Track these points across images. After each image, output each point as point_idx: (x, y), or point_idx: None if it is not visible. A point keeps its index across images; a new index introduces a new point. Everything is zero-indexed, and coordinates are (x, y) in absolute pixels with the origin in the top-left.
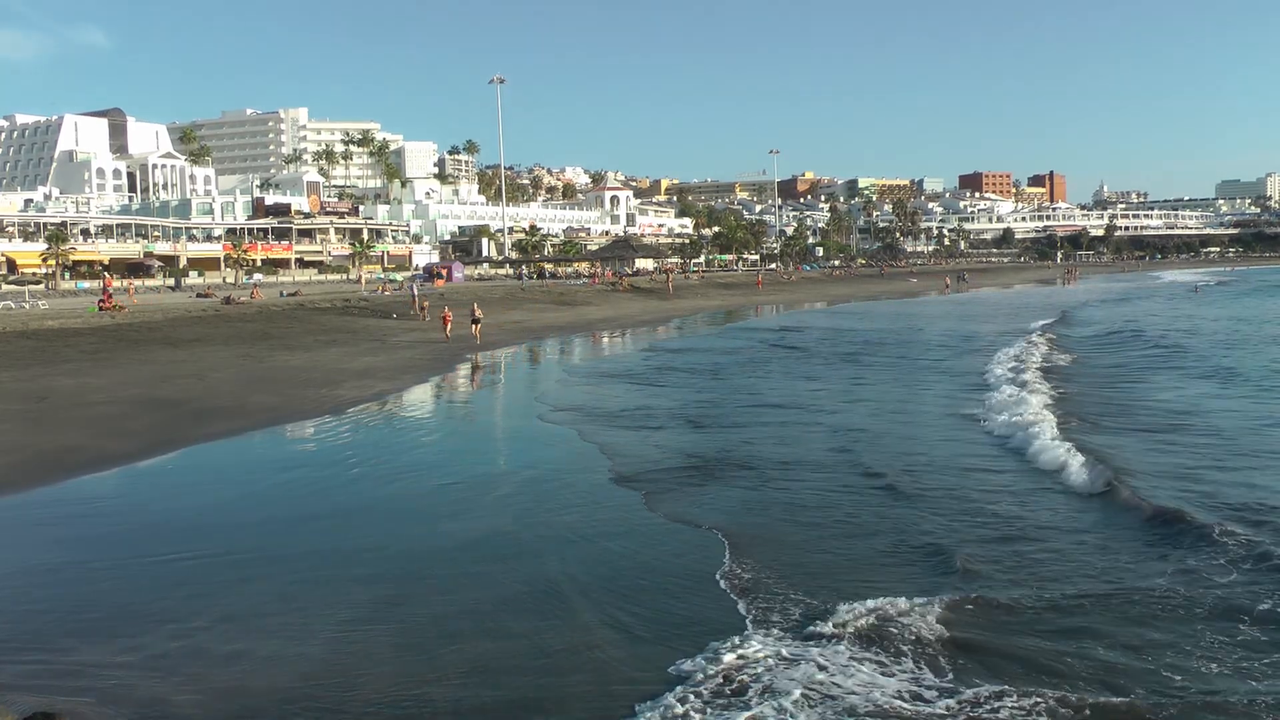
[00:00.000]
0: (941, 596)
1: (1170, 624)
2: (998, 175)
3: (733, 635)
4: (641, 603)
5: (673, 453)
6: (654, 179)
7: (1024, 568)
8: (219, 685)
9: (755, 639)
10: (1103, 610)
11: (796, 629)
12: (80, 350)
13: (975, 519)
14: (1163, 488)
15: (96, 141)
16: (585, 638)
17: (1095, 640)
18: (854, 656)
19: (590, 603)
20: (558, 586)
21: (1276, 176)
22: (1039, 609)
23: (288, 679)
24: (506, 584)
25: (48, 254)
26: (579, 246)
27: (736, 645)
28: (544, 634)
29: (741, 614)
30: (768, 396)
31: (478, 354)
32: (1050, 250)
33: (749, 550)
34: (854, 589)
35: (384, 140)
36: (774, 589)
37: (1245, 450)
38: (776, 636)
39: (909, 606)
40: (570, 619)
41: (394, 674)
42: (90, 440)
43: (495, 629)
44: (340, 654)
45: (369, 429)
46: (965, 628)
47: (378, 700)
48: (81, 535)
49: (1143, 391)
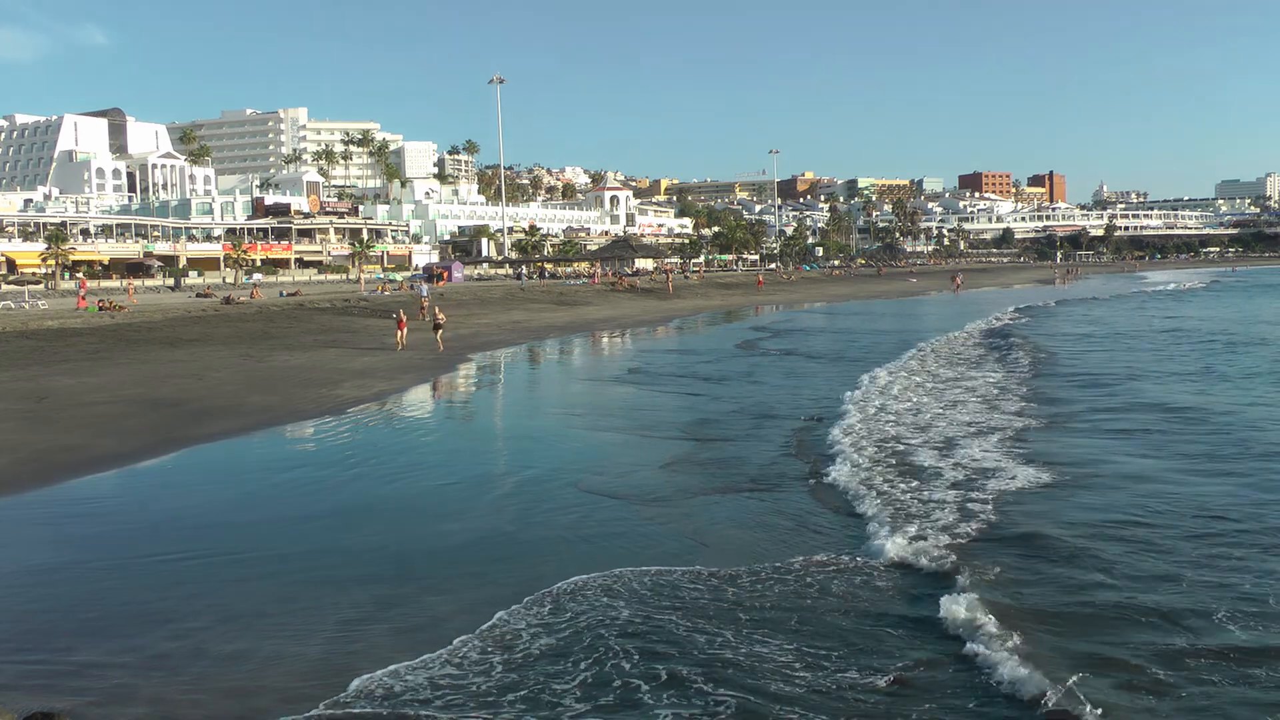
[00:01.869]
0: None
1: None
2: (997, 175)
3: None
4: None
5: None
6: (654, 179)
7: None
8: (219, 685)
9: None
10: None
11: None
12: (80, 350)
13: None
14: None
15: (96, 141)
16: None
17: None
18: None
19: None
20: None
21: (1276, 176)
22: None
23: (288, 679)
24: (505, 584)
25: (47, 254)
26: (579, 246)
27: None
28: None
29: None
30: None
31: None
32: (1050, 250)
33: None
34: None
35: (384, 140)
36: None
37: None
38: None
39: None
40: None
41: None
42: (90, 440)
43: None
44: (340, 654)
45: (369, 429)
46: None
47: (377, 700)
48: (81, 535)
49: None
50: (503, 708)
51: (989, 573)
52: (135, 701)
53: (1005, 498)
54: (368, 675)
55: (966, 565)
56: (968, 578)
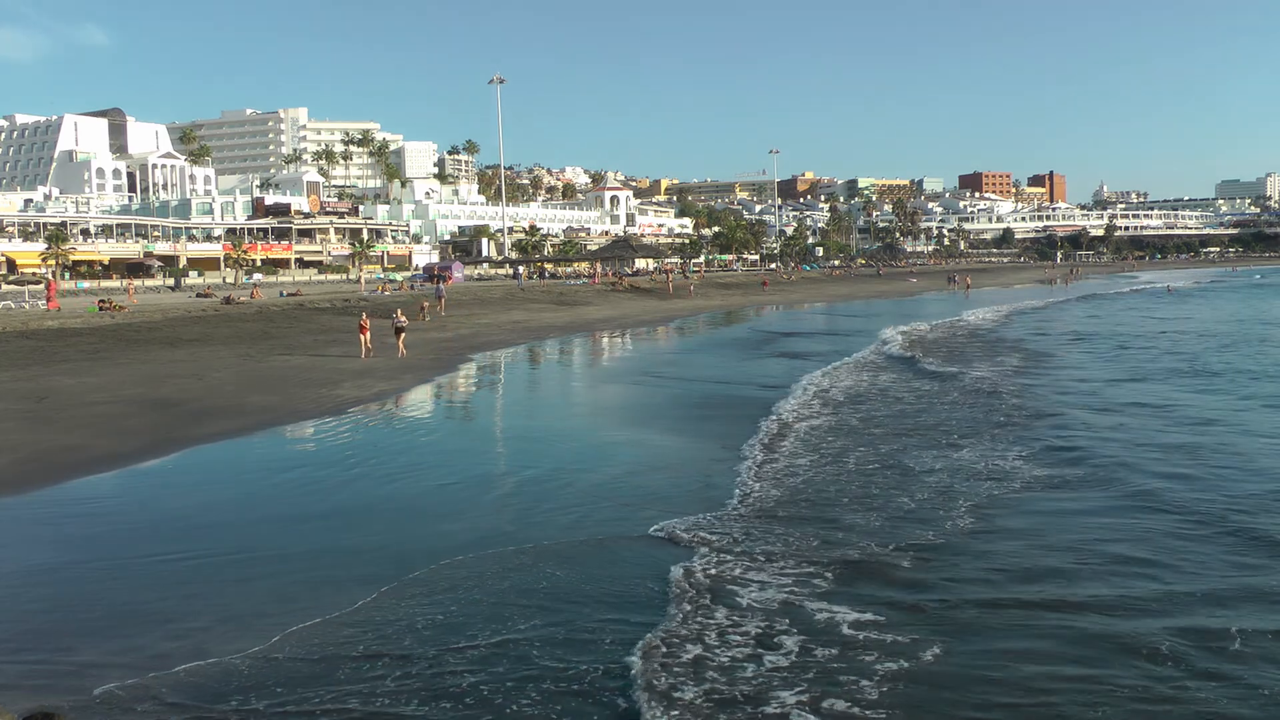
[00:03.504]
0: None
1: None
2: (998, 175)
3: None
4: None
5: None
6: (654, 179)
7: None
8: (219, 685)
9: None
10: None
11: None
12: (80, 350)
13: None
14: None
15: (96, 141)
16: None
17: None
18: None
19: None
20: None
21: (1276, 176)
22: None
23: (288, 679)
24: (503, 584)
25: (47, 254)
26: (579, 246)
27: None
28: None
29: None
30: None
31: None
32: (1050, 250)
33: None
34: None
35: (384, 140)
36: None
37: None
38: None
39: None
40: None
41: (394, 674)
42: (90, 440)
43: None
44: (341, 654)
45: (369, 429)
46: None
47: (378, 699)
48: (81, 535)
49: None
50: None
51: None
52: (135, 701)
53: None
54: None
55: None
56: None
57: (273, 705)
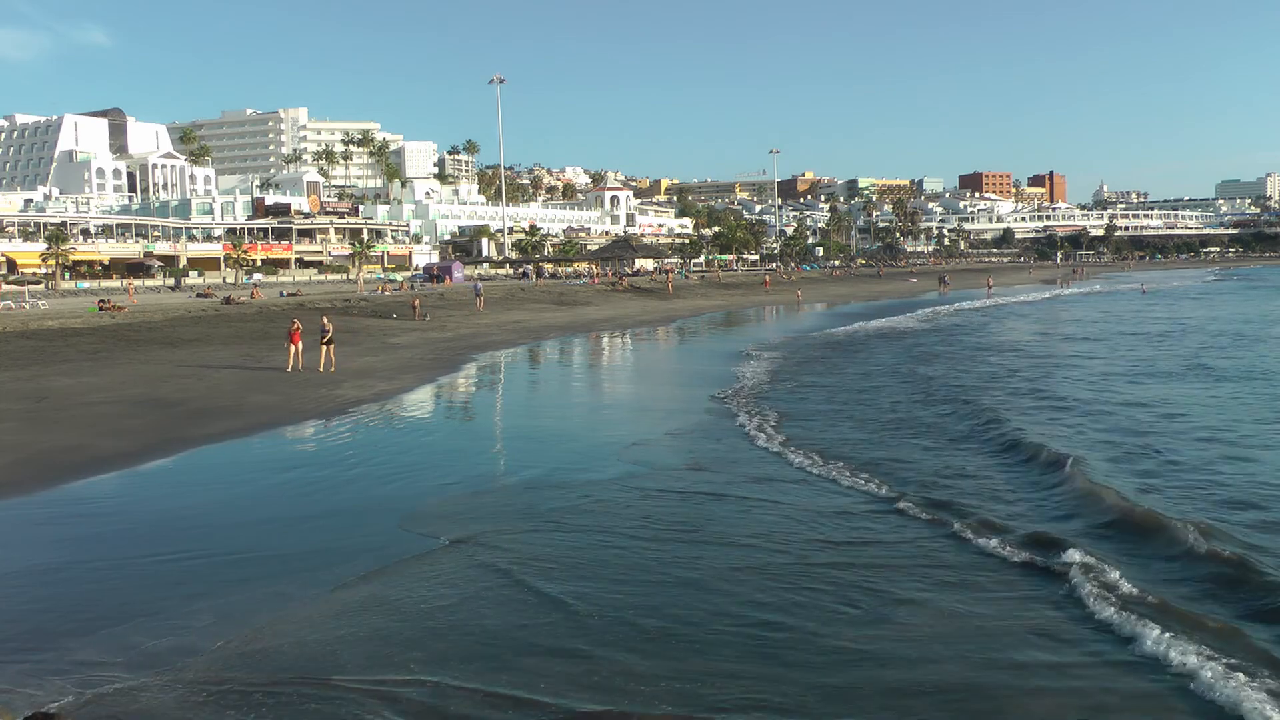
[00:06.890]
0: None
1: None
2: (998, 175)
3: None
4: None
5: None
6: (654, 179)
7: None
8: (219, 685)
9: None
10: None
11: None
12: (80, 350)
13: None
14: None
15: (96, 141)
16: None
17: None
18: None
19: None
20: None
21: (1276, 176)
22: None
23: (288, 679)
24: (503, 584)
25: (47, 254)
26: (579, 246)
27: None
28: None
29: None
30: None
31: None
32: (1050, 250)
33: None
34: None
35: (384, 140)
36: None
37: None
38: None
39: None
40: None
41: (393, 674)
42: (90, 440)
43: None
44: (341, 654)
45: (369, 429)
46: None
47: (378, 699)
48: (81, 535)
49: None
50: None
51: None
52: (135, 701)
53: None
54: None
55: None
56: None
57: (273, 705)
